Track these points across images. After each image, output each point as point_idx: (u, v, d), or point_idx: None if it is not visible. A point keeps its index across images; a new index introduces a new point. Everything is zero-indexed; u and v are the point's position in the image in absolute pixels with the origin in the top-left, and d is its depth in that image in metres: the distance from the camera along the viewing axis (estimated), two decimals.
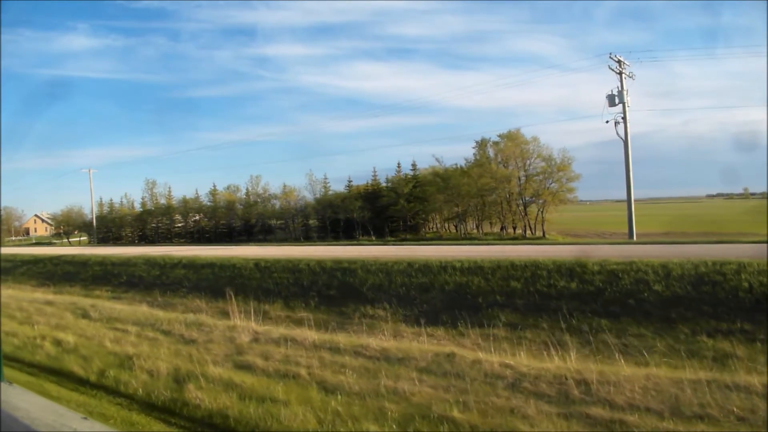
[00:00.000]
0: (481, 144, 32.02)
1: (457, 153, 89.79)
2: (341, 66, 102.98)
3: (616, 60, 24.89)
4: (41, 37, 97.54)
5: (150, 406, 6.18)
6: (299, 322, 13.04)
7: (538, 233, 30.87)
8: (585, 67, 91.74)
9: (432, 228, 38.19)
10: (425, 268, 15.65)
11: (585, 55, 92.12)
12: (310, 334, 9.41)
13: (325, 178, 38.66)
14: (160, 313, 12.45)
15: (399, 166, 36.68)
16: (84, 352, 8.53)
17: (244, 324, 10.93)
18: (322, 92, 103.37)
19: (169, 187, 44.47)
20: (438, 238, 31.32)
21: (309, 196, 37.64)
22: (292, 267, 17.29)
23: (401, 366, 7.75)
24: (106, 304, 14.20)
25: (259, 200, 38.80)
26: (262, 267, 17.79)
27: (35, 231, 67.56)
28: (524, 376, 7.18)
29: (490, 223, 35.49)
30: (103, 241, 45.91)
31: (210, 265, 18.84)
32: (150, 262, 20.60)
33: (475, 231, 35.77)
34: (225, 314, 14.36)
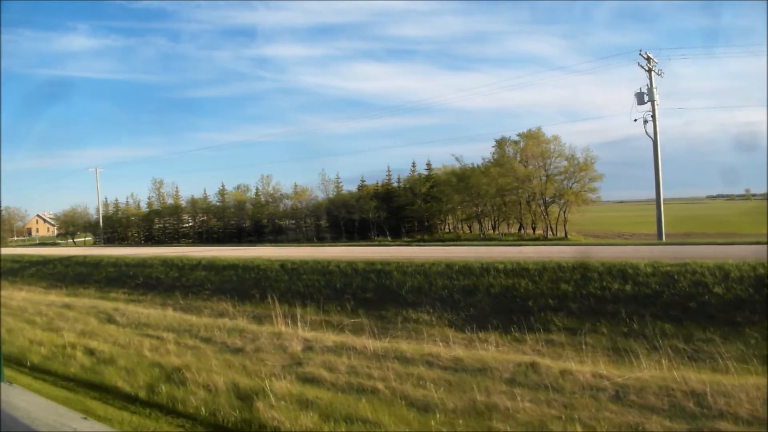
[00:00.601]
0: (501, 143, 31.26)
1: (457, 154, 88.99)
2: (341, 67, 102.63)
3: (646, 57, 24.23)
4: (41, 38, 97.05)
5: (221, 430, 5.35)
6: (338, 327, 12.22)
7: (559, 234, 30.11)
8: (585, 68, 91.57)
9: (445, 229, 37.40)
10: (466, 269, 14.90)
11: (585, 55, 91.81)
12: (368, 342, 8.60)
13: (338, 178, 37.94)
14: (193, 318, 11.64)
15: (414, 166, 35.96)
16: (123, 364, 7.69)
17: (290, 330, 10.14)
18: (322, 93, 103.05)
19: (176, 187, 43.73)
20: (456, 239, 30.51)
21: (321, 196, 36.89)
22: (322, 269, 16.47)
23: (484, 377, 6.97)
24: (129, 307, 13.35)
25: (270, 200, 37.85)
26: (288, 269, 16.96)
27: (37, 231, 66.49)
28: (624, 387, 6.46)
29: (508, 224, 34.73)
30: (108, 241, 44.93)
31: (232, 266, 17.99)
32: (167, 264, 19.75)
33: (491, 231, 35.00)
34: (257, 318, 13.62)
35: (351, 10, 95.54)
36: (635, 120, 24.73)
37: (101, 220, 43.92)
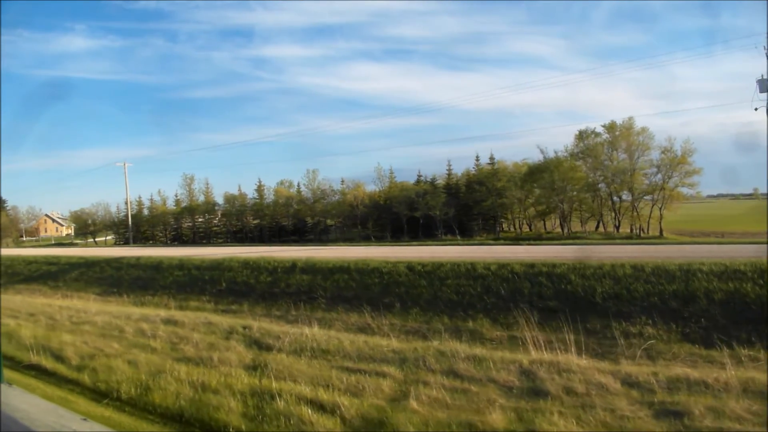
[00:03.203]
0: (586, 135, 28.27)
1: (456, 154, 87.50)
2: (339, 67, 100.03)
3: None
4: (39, 38, 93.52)
5: None
6: (547, 346, 8.93)
7: (652, 232, 27.25)
8: (584, 68, 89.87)
9: (510, 227, 34.38)
10: (661, 272, 11.99)
11: (584, 56, 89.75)
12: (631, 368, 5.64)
13: (392, 172, 34.67)
14: (376, 340, 8.46)
15: (477, 159, 32.88)
16: None
17: (548, 357, 7.09)
18: (320, 93, 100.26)
19: (207, 183, 40.07)
20: (537, 238, 27.49)
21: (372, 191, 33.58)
22: (467, 272, 13.34)
23: None
24: (256, 323, 10.09)
25: (320, 195, 34.40)
26: (420, 272, 13.80)
27: (45, 231, 62.47)
28: None
29: (581, 222, 31.79)
30: (130, 241, 41.09)
31: (342, 269, 14.77)
32: (250, 266, 16.48)
33: (558, 229, 32.09)
34: (419, 334, 10.58)
35: (349, 11, 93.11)
36: (756, 109, 21.86)
37: (129, 218, 40.06)
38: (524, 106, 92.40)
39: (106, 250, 30.97)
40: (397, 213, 30.86)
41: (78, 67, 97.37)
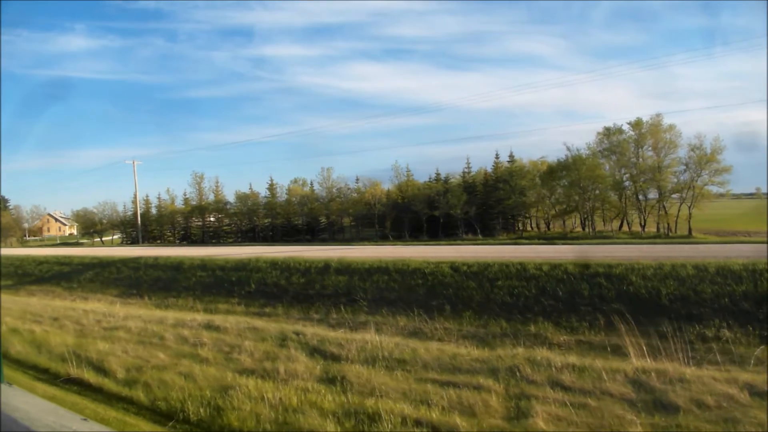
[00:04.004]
0: (613, 132, 27.44)
1: (455, 154, 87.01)
2: (339, 67, 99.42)
3: None
4: (38, 38, 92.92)
5: None
6: (650, 352, 8.06)
7: (680, 231, 26.46)
8: (584, 68, 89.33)
9: (527, 226, 33.58)
10: (726, 271, 11.29)
11: (583, 56, 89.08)
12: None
13: (408, 170, 33.78)
14: (474, 351, 7.68)
15: (497, 157, 32.00)
16: None
17: (652, 364, 6.34)
18: (320, 93, 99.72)
19: (216, 181, 39.08)
20: (562, 237, 26.68)
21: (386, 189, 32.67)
22: (518, 273, 12.54)
23: None
24: (314, 330, 9.25)
25: (336, 194, 33.46)
26: (466, 272, 12.97)
27: (48, 231, 61.40)
28: None
29: (604, 221, 31.01)
30: (137, 241, 40.15)
31: (380, 270, 13.94)
32: (279, 266, 15.63)
33: (579, 229, 31.33)
34: (479, 340, 9.79)
35: (348, 10, 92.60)
36: None
37: (138, 217, 39.02)
38: (524, 106, 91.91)
39: (116, 249, 30.05)
40: (416, 212, 30.01)
41: (77, 66, 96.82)
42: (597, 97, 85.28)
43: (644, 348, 7.60)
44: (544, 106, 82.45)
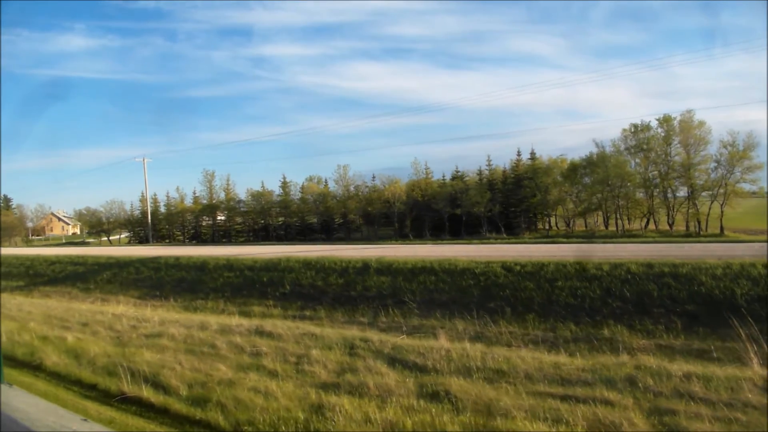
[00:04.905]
0: (641, 128, 26.64)
1: (454, 153, 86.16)
2: (338, 66, 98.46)
3: None
4: (38, 38, 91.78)
5: None
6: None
7: (710, 230, 25.67)
8: (583, 67, 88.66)
9: (546, 224, 32.76)
10: None
11: (583, 55, 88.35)
12: None
13: (427, 167, 32.89)
14: (577, 361, 6.86)
15: (519, 154, 31.18)
16: None
17: None
18: (320, 92, 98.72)
19: (228, 179, 38.07)
20: (590, 236, 25.86)
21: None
22: (576, 273, 11.68)
23: None
24: (380, 336, 8.40)
25: (353, 192, 32.50)
26: (520, 272, 12.13)
27: (51, 230, 60.29)
28: None
29: (629, 219, 30.20)
30: (145, 240, 39.16)
31: (426, 270, 13.09)
32: (314, 267, 14.75)
33: (602, 227, 30.54)
34: (539, 343, 9.17)
35: (347, 10, 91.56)
36: None
37: (149, 216, 37.99)
38: (523, 105, 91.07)
39: (128, 249, 29.10)
40: (437, 210, 29.15)
41: (77, 66, 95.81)
42: (597, 96, 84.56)
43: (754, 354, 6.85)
44: (544, 105, 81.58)
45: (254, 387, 5.87)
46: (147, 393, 5.85)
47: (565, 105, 77.69)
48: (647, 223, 29.20)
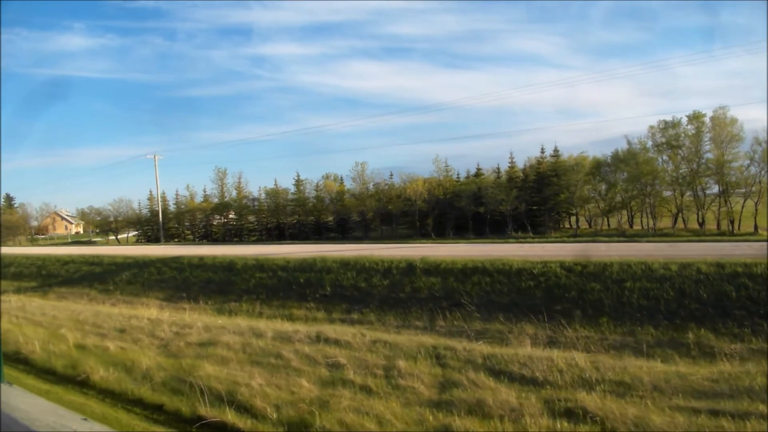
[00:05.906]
0: (671, 125, 25.85)
1: (453, 152, 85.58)
2: (338, 65, 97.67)
3: None
4: (38, 37, 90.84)
5: None
6: None
7: (744, 229, 24.93)
8: (583, 67, 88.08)
9: (568, 223, 32.01)
10: None
11: (583, 55, 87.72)
12: None
13: (447, 164, 32.01)
14: (701, 370, 6.05)
15: (542, 152, 30.34)
16: None
17: None
18: (319, 91, 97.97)
19: (240, 177, 37.08)
20: (621, 234, 25.04)
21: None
22: (643, 273, 10.89)
23: None
24: (465, 345, 7.56)
25: (373, 190, 31.59)
26: (582, 273, 11.32)
27: (54, 229, 59.21)
28: None
29: (654, 217, 29.45)
30: (154, 240, 38.26)
31: (478, 270, 12.27)
32: (354, 267, 13.93)
33: (626, 226, 29.79)
34: (620, 348, 8.60)
35: (347, 9, 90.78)
36: None
37: (161, 214, 36.99)
38: (523, 104, 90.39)
39: (140, 248, 28.15)
40: (460, 208, 28.30)
41: (77, 65, 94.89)
42: (597, 95, 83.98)
43: None
44: (544, 104, 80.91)
45: (355, 408, 5.04)
46: (232, 417, 5.00)
47: (565, 104, 77.11)
48: (675, 221, 28.45)
